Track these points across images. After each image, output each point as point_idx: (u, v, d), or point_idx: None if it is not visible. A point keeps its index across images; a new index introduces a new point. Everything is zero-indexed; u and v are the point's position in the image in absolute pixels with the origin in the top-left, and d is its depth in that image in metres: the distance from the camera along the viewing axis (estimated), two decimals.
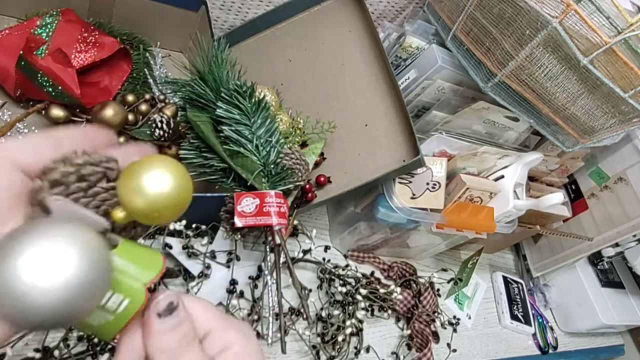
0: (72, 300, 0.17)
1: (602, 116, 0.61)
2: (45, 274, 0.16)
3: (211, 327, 0.26)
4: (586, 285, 0.94)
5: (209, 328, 0.25)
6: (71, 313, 0.17)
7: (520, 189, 0.76)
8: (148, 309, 0.23)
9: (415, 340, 0.73)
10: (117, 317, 0.22)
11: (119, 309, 0.22)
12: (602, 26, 0.52)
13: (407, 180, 0.66)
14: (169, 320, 0.23)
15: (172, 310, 0.23)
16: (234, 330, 0.26)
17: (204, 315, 0.26)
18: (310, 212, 0.80)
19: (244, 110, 0.56)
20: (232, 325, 0.26)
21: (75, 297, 0.17)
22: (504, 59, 0.59)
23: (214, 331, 0.26)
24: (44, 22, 0.61)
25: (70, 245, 0.17)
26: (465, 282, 0.85)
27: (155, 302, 0.23)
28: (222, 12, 0.79)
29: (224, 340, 0.26)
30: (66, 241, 0.17)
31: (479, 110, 0.68)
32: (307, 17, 0.74)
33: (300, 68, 0.72)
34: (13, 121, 0.59)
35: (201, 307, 0.26)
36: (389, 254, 0.84)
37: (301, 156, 0.59)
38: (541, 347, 0.93)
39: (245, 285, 0.65)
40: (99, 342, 0.51)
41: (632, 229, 0.81)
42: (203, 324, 0.25)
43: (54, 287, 0.16)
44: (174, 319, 0.23)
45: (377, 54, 0.67)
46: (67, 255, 0.17)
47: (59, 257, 0.17)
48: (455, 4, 0.65)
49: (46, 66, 0.58)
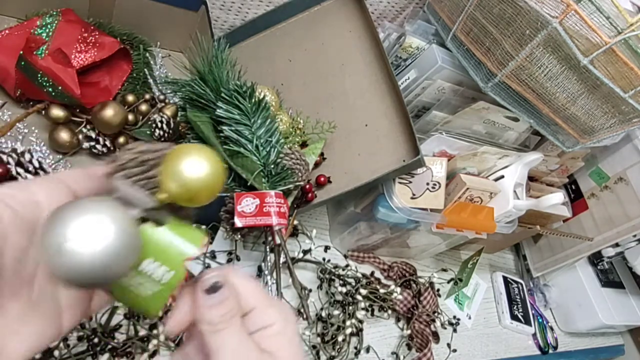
0: (108, 264, 0.20)
1: (602, 116, 0.61)
2: (87, 241, 0.20)
3: (255, 304, 0.28)
4: (586, 285, 0.94)
5: (253, 305, 0.28)
6: (108, 273, 0.21)
7: (520, 189, 0.76)
8: (197, 285, 0.26)
9: (415, 340, 0.73)
10: (163, 287, 0.26)
11: (164, 280, 0.25)
12: (602, 26, 0.52)
13: (407, 180, 0.66)
14: (214, 297, 0.26)
15: (217, 289, 0.26)
16: (276, 310, 0.28)
17: (250, 292, 0.28)
18: (310, 212, 0.80)
19: (244, 110, 0.56)
20: (275, 306, 0.28)
21: (110, 261, 0.21)
22: (504, 59, 0.59)
23: (257, 308, 0.28)
24: (44, 22, 0.61)
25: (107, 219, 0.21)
26: (465, 282, 0.85)
27: (203, 280, 0.26)
28: (222, 12, 0.79)
29: (265, 319, 0.28)
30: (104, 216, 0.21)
31: (479, 110, 0.68)
32: (307, 17, 0.74)
33: (300, 68, 0.72)
34: (13, 121, 0.59)
35: (248, 284, 0.28)
36: (389, 254, 0.84)
37: (301, 156, 0.59)
38: (541, 347, 0.93)
39: None
40: (99, 342, 0.51)
41: (632, 229, 0.81)
42: (248, 301, 0.28)
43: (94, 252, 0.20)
44: (218, 297, 0.26)
45: (377, 54, 0.67)
46: (105, 227, 0.21)
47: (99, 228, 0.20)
48: (455, 4, 0.65)
49: (46, 66, 0.58)
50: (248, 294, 0.28)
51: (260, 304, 0.28)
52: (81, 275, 0.20)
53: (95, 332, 0.51)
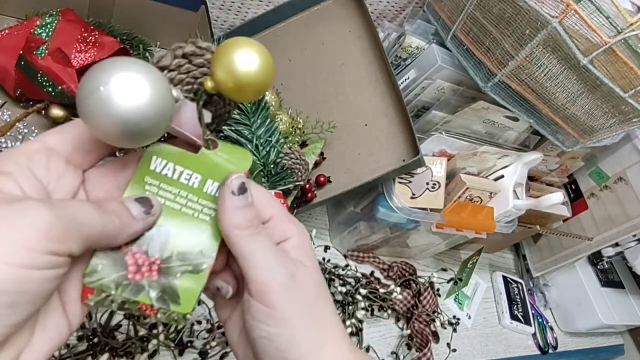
0: (147, 120, 0.21)
1: (602, 116, 0.61)
2: (125, 94, 0.20)
3: (273, 215, 0.27)
4: (586, 285, 0.94)
5: (271, 215, 0.27)
6: (147, 129, 0.21)
7: (520, 189, 0.76)
8: (223, 187, 0.25)
9: (415, 340, 0.73)
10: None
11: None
12: (602, 26, 0.52)
13: (407, 180, 0.66)
14: (241, 199, 0.25)
15: (244, 191, 0.25)
16: (292, 222, 0.28)
17: (267, 203, 0.27)
18: (310, 212, 0.80)
19: (244, 110, 0.56)
20: (290, 218, 0.28)
21: (149, 118, 0.21)
22: (504, 59, 0.59)
23: (275, 219, 0.27)
24: (44, 22, 0.61)
25: (148, 80, 0.21)
26: (465, 282, 0.85)
27: (230, 180, 0.25)
28: (222, 12, 0.79)
29: (284, 230, 0.27)
30: (146, 77, 0.21)
31: (479, 110, 0.68)
32: (307, 17, 0.74)
33: (300, 68, 0.72)
34: (13, 121, 0.59)
35: (265, 194, 0.28)
36: (389, 254, 0.84)
37: (301, 156, 0.59)
38: (541, 347, 0.93)
39: None
40: (99, 342, 0.51)
41: (632, 229, 0.81)
42: (266, 210, 0.27)
43: (137, 106, 0.20)
44: (245, 199, 0.25)
45: (377, 54, 0.67)
46: (143, 86, 0.21)
47: (137, 85, 0.21)
48: (455, 4, 0.65)
49: (46, 66, 0.58)
50: (265, 204, 0.27)
51: (278, 214, 0.27)
52: (112, 124, 0.20)
53: (95, 332, 0.51)
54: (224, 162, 0.27)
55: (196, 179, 0.26)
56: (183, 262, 0.26)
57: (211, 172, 0.26)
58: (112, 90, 0.20)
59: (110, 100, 0.20)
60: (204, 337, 0.58)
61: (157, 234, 0.25)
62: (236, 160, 0.27)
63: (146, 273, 0.25)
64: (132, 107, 0.20)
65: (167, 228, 0.25)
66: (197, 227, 0.26)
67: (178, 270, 0.25)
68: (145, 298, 0.25)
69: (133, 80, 0.21)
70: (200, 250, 0.26)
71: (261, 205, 0.27)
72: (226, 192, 0.25)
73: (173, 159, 0.25)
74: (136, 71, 0.21)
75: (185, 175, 0.26)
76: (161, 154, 0.25)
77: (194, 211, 0.26)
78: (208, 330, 0.59)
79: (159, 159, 0.25)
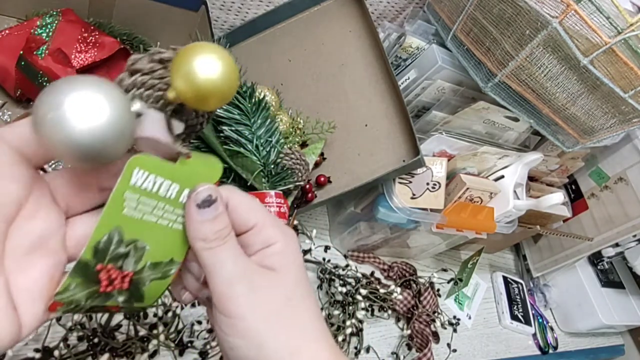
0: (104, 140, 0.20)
1: (602, 116, 0.61)
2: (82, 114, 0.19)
3: (255, 222, 0.27)
4: (586, 285, 0.94)
5: (254, 222, 0.27)
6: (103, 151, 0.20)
7: (520, 189, 0.76)
8: (189, 199, 0.25)
9: (415, 340, 0.73)
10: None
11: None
12: (602, 26, 0.52)
13: (407, 180, 0.66)
14: (207, 211, 0.25)
15: (211, 203, 0.25)
16: (277, 229, 0.27)
17: (249, 209, 0.27)
18: (310, 212, 0.80)
19: (244, 110, 0.56)
20: (276, 225, 0.27)
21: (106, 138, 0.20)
22: (504, 59, 0.59)
23: (257, 226, 0.27)
24: (44, 22, 0.61)
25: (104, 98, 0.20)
26: (465, 282, 0.85)
27: (195, 193, 0.25)
28: (222, 12, 0.79)
29: (267, 237, 0.27)
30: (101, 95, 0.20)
31: (479, 110, 0.68)
32: (307, 17, 0.74)
33: (300, 68, 0.72)
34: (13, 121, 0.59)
35: (247, 202, 0.27)
36: (389, 254, 0.84)
37: (301, 156, 0.59)
38: (541, 347, 0.93)
39: None
40: (99, 342, 0.51)
41: (632, 229, 0.81)
42: (247, 218, 0.26)
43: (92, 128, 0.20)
44: (212, 212, 0.25)
45: (377, 54, 0.67)
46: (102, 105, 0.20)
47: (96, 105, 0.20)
48: (455, 4, 0.65)
49: (46, 66, 0.58)
50: (248, 211, 0.27)
51: (260, 222, 0.27)
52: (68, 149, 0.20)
53: (95, 332, 0.51)
54: (198, 171, 0.26)
55: (174, 190, 0.25)
56: (154, 271, 0.26)
57: (187, 181, 0.26)
58: (66, 114, 0.19)
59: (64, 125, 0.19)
60: (204, 337, 0.58)
61: (134, 251, 0.25)
62: (207, 169, 0.27)
63: (117, 285, 0.25)
64: (88, 130, 0.20)
65: (144, 242, 0.25)
66: (170, 236, 0.26)
67: (148, 279, 0.26)
68: (113, 302, 0.25)
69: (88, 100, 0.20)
70: (171, 258, 0.26)
71: (243, 212, 0.26)
72: (191, 205, 0.25)
73: (154, 170, 0.24)
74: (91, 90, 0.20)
75: (164, 186, 0.25)
76: (143, 166, 0.24)
77: (169, 221, 0.25)
78: (208, 330, 0.59)
79: (140, 171, 0.24)
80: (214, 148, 0.56)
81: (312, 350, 0.26)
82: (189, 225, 0.25)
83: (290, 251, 0.27)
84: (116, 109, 0.20)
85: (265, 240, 0.27)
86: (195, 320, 0.59)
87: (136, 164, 0.23)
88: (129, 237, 0.24)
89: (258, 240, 0.27)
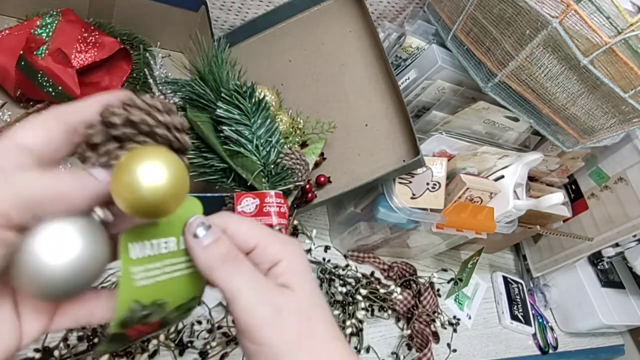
0: (76, 275, 0.20)
1: (602, 116, 0.61)
2: (55, 254, 0.20)
3: (257, 242, 0.26)
4: (586, 285, 0.94)
5: (256, 242, 0.26)
6: (76, 285, 0.21)
7: (520, 189, 0.76)
8: (184, 235, 0.25)
9: (415, 340, 0.73)
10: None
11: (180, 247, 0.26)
12: (602, 26, 0.52)
13: (407, 180, 0.66)
14: (206, 237, 0.25)
15: (206, 228, 0.25)
16: (280, 245, 0.27)
17: (247, 231, 0.27)
18: (310, 212, 0.80)
19: (244, 110, 0.56)
20: (279, 240, 0.27)
21: (78, 273, 0.20)
22: (504, 59, 0.59)
23: (259, 247, 0.26)
24: (44, 22, 0.61)
25: (76, 233, 0.20)
26: (465, 282, 0.85)
27: (188, 226, 0.25)
28: (222, 12, 0.79)
29: (272, 255, 0.26)
30: (73, 230, 0.21)
31: (479, 110, 0.68)
32: (307, 17, 0.74)
33: (300, 68, 0.72)
34: (13, 121, 0.59)
35: (243, 223, 0.27)
36: (389, 254, 0.84)
37: (301, 156, 0.59)
38: (541, 347, 0.93)
39: None
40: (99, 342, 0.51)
41: (632, 229, 0.81)
42: (247, 239, 0.26)
43: (61, 265, 0.20)
44: (211, 236, 0.25)
45: (377, 54, 0.67)
46: (73, 241, 0.20)
47: (66, 241, 0.20)
48: (455, 4, 0.65)
49: (46, 66, 0.58)
50: (245, 233, 0.26)
51: (262, 242, 0.27)
52: (53, 288, 0.20)
53: (95, 332, 0.51)
54: (182, 215, 0.26)
55: (172, 242, 0.25)
56: (178, 311, 0.26)
57: (178, 229, 0.26)
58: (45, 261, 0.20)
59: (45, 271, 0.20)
60: (204, 337, 0.58)
61: (156, 308, 0.25)
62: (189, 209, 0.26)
63: (146, 332, 0.26)
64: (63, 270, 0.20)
65: (164, 300, 0.25)
66: (185, 282, 0.26)
67: (174, 318, 0.27)
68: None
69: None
70: (194, 297, 0.27)
71: (242, 234, 0.26)
72: (189, 238, 0.25)
73: (146, 236, 0.24)
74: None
75: (162, 244, 0.25)
76: (135, 238, 0.24)
77: (180, 271, 0.26)
78: (208, 330, 0.59)
79: (135, 244, 0.24)
80: (214, 148, 0.57)
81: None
82: (196, 259, 0.25)
83: (298, 266, 0.27)
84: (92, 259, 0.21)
85: (270, 259, 0.26)
86: (195, 320, 0.59)
87: (127, 240, 0.24)
88: (148, 301, 0.24)
89: (264, 259, 0.26)
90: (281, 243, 0.27)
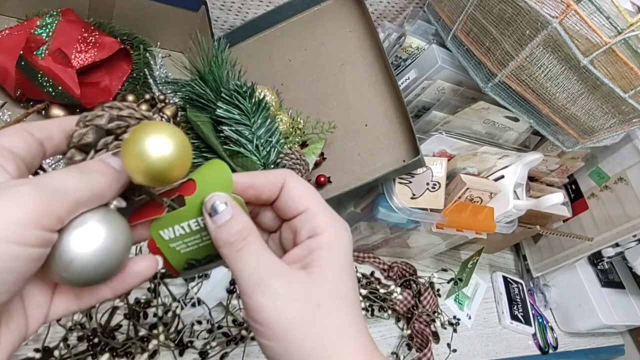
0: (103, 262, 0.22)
1: (602, 116, 0.61)
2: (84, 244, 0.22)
3: (306, 207, 0.26)
4: (586, 285, 0.94)
5: (305, 207, 0.26)
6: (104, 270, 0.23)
7: (520, 189, 0.76)
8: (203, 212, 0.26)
9: (415, 340, 0.73)
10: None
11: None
12: (602, 26, 0.52)
13: (407, 180, 0.66)
14: (219, 217, 0.25)
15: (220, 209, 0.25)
16: (328, 217, 0.27)
17: (304, 194, 0.27)
18: None
19: (244, 110, 0.56)
20: (329, 214, 0.27)
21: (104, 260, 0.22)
22: (504, 59, 0.59)
23: (307, 211, 0.26)
24: (44, 22, 0.61)
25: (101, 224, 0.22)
26: (465, 282, 0.85)
27: (204, 204, 0.26)
28: (222, 12, 0.79)
29: (315, 225, 0.26)
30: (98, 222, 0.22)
31: (479, 110, 0.68)
32: (307, 17, 0.74)
33: (300, 68, 0.72)
34: (13, 121, 0.59)
35: (301, 186, 0.27)
36: (389, 254, 0.84)
37: (301, 156, 0.59)
38: (541, 347, 0.93)
39: None
40: (99, 342, 0.51)
41: (632, 229, 0.81)
42: (299, 202, 0.26)
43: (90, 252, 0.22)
44: (225, 216, 0.25)
45: (377, 54, 0.67)
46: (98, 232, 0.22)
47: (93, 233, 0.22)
48: (455, 4, 0.65)
49: (46, 66, 0.58)
50: (301, 195, 0.26)
51: (312, 208, 0.26)
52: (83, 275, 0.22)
53: (95, 332, 0.51)
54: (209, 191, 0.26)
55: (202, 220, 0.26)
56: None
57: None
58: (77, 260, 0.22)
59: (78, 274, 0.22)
60: (204, 337, 0.58)
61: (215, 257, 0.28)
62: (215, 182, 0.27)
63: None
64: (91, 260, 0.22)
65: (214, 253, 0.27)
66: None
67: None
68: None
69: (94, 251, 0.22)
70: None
71: (295, 195, 0.27)
72: (205, 215, 0.26)
73: (173, 222, 0.26)
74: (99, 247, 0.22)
75: (192, 224, 0.26)
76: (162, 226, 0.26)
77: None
78: (208, 330, 0.59)
79: (165, 230, 0.26)
80: (214, 148, 0.56)
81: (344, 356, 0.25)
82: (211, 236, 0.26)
83: (335, 244, 0.26)
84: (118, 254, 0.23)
85: (313, 228, 0.26)
86: (195, 320, 0.59)
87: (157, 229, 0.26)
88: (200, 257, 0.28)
89: (306, 226, 0.26)
90: (330, 217, 0.27)
